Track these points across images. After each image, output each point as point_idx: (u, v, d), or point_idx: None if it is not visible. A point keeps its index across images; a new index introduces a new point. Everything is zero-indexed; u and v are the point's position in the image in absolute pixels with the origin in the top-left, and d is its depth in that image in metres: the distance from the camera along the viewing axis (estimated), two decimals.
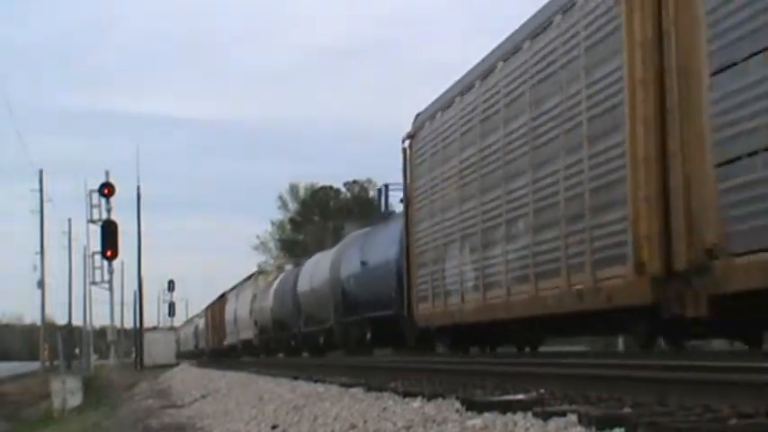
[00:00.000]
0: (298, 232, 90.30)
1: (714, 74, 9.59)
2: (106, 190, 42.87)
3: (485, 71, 16.08)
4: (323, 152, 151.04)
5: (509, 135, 14.81)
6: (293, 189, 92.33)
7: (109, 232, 41.58)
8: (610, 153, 11.66)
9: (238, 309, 50.07)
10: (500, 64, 15.31)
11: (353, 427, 8.39)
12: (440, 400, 8.75)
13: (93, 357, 67.08)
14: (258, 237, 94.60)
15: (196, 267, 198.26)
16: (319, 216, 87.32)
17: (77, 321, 79.06)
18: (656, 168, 10.75)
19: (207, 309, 66.14)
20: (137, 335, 59.58)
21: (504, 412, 7.19)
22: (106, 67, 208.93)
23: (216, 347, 58.12)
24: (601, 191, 11.88)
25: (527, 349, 17.87)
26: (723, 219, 9.40)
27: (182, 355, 70.65)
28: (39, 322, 72.88)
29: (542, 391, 8.64)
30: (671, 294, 10.43)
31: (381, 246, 24.88)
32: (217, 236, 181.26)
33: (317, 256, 35.06)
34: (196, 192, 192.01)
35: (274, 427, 9.78)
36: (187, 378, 29.65)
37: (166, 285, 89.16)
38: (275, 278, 43.29)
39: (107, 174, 43.59)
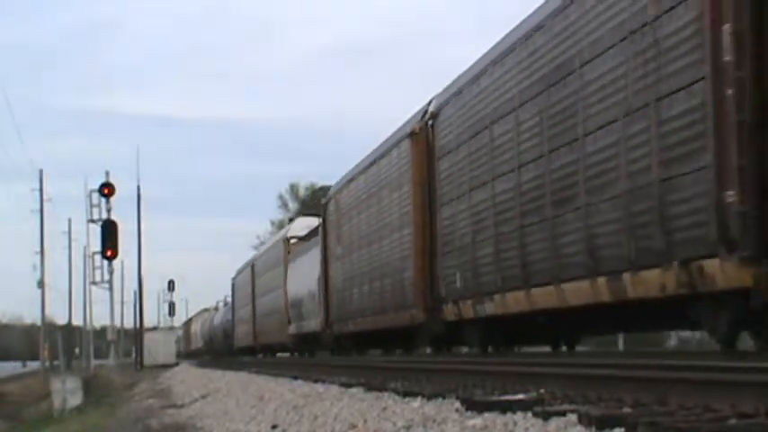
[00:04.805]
0: None
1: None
2: (106, 190, 42.80)
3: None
4: (323, 152, 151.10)
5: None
6: (293, 189, 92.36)
7: (109, 232, 41.54)
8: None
9: (196, 329, 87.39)
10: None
11: (353, 426, 8.38)
12: (440, 400, 8.75)
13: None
14: (258, 237, 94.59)
15: (196, 267, 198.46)
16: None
17: (77, 321, 79.23)
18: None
19: (184, 324, 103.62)
20: (137, 335, 59.59)
21: (504, 412, 7.19)
22: (106, 67, 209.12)
23: (187, 351, 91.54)
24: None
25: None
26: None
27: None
28: (39, 322, 72.80)
29: (542, 391, 8.63)
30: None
31: (230, 312, 61.16)
32: (217, 236, 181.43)
33: (222, 309, 69.15)
34: (196, 192, 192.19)
35: (274, 426, 9.78)
36: (187, 378, 29.65)
37: (166, 285, 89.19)
38: (210, 314, 77.14)
39: (107, 174, 43.55)
